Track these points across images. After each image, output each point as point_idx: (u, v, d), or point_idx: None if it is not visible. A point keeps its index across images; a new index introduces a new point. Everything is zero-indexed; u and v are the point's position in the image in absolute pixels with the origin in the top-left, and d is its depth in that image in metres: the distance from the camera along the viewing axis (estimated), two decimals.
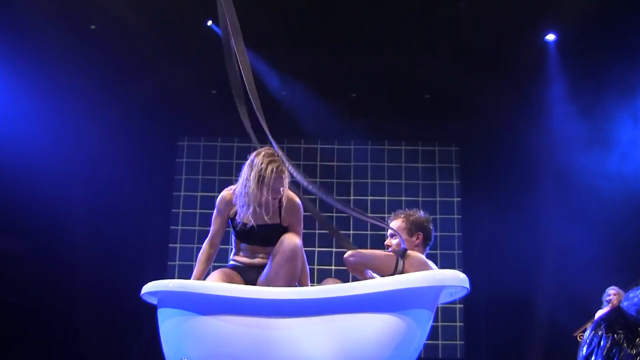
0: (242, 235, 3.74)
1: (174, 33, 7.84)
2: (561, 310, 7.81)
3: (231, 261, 3.77)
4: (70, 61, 7.64)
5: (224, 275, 3.60)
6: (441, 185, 9.17)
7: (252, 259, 3.71)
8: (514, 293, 8.01)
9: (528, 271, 8.27)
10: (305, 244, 3.75)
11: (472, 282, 3.21)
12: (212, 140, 9.23)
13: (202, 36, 7.84)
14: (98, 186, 8.31)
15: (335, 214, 8.96)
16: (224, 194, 3.80)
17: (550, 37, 8.02)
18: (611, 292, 6.84)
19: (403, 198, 8.95)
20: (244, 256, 3.74)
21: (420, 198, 8.97)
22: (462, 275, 3.17)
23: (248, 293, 3.25)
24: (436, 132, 9.20)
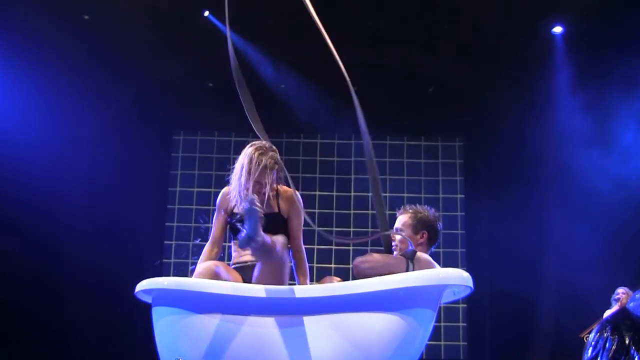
0: (238, 227, 3.72)
1: (169, 24, 7.83)
2: (567, 310, 7.82)
3: (231, 266, 3.73)
4: (62, 53, 7.64)
5: (224, 267, 3.56)
6: (444, 181, 9.16)
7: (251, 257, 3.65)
8: (519, 292, 8.01)
9: (533, 270, 8.28)
10: (304, 242, 3.75)
11: (476, 281, 3.22)
12: (209, 134, 9.22)
13: (199, 27, 7.84)
14: (92, 182, 8.31)
15: (335, 211, 8.98)
16: (223, 190, 3.81)
17: (557, 30, 8.01)
18: (620, 292, 6.85)
19: (405, 195, 8.96)
20: (242, 255, 3.71)
21: (422, 195, 8.97)
22: (466, 274, 3.18)
23: (246, 291, 3.25)
24: (439, 127, 9.19)
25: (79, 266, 8.14)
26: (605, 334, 6.95)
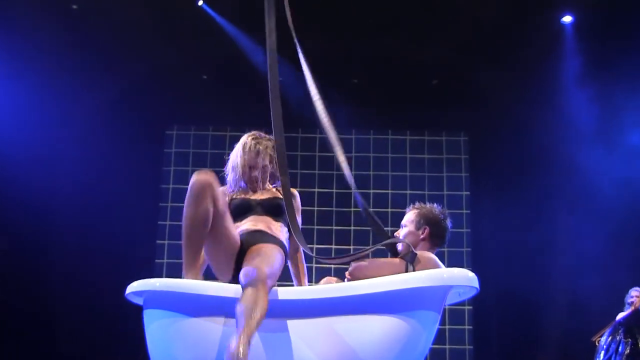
0: (237, 210, 3.74)
1: (161, 12, 7.81)
2: (577, 311, 7.83)
3: None
4: (49, 43, 7.61)
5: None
6: (449, 177, 9.16)
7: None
8: (527, 293, 8.02)
9: (541, 270, 8.28)
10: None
11: (482, 282, 3.21)
12: (203, 129, 9.21)
13: (193, 16, 7.82)
14: (80, 178, 8.30)
15: (335, 209, 8.98)
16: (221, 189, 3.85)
17: (566, 19, 8.00)
18: (634, 294, 6.86)
19: (408, 191, 8.95)
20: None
21: (426, 192, 8.96)
22: (471, 274, 3.17)
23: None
24: (444, 121, 9.18)
25: (67, 267, 8.14)
26: (617, 337, 6.96)
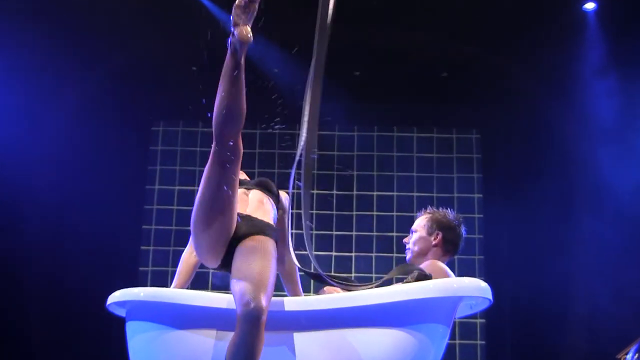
0: None
1: None
2: (601, 325, 7.81)
3: None
4: (24, 32, 7.60)
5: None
6: (459, 178, 9.16)
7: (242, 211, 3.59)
8: (545, 306, 8.01)
9: (562, 280, 8.26)
10: (299, 246, 3.75)
11: (496, 293, 3.22)
12: (192, 125, 9.21)
13: (181, 2, 7.82)
14: (58, 178, 8.29)
15: (335, 212, 8.97)
16: None
17: (589, 6, 8.00)
18: None
19: (415, 194, 8.96)
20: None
21: (434, 194, 8.96)
22: (484, 284, 3.19)
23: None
24: (454, 117, 9.18)
25: (43, 275, 8.12)
26: None
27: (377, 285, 3.36)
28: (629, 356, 6.88)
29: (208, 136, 9.19)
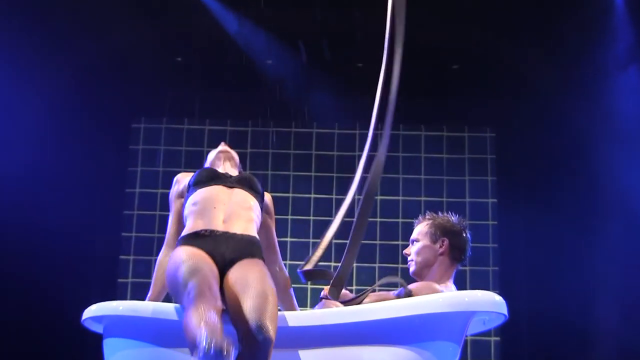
0: (201, 177, 3.80)
1: None
2: (630, 345, 7.81)
3: (182, 234, 3.72)
4: None
5: (192, 259, 3.41)
6: (472, 182, 9.16)
7: (221, 222, 3.62)
8: (566, 322, 8.01)
9: (585, 294, 8.26)
10: (295, 256, 3.76)
11: (511, 308, 3.22)
12: (177, 121, 9.21)
13: None
14: (28, 181, 8.27)
15: (334, 218, 8.96)
16: (177, 176, 3.93)
17: None
18: None
19: (422, 198, 8.95)
20: (205, 216, 3.65)
21: (444, 198, 8.96)
22: (498, 298, 3.19)
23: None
24: (466, 113, 9.19)
25: (10, 287, 8.09)
26: None
27: (360, 297, 3.42)
28: None
29: (194, 134, 9.25)
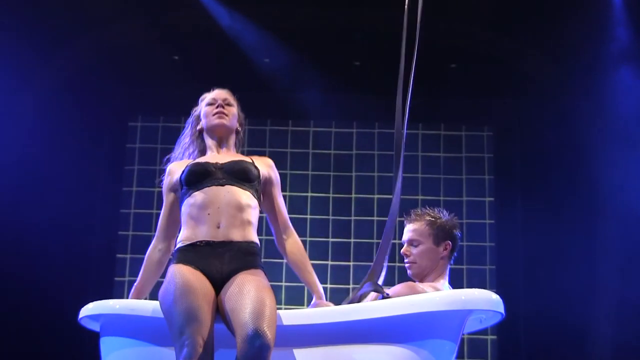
0: (191, 177, 3.72)
1: None
2: (628, 345, 7.81)
3: (179, 244, 3.63)
4: None
5: (188, 296, 3.27)
6: (469, 180, 9.16)
7: (216, 228, 3.55)
8: (563, 321, 8.01)
9: (583, 293, 8.25)
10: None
11: (508, 306, 3.23)
12: (173, 120, 9.17)
13: None
14: (24, 180, 8.25)
15: (331, 217, 8.98)
16: (170, 167, 3.86)
17: None
18: None
19: (419, 197, 8.95)
20: (200, 223, 3.60)
21: (441, 197, 8.96)
22: (495, 296, 3.20)
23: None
24: (463, 112, 9.18)
25: (6, 285, 8.09)
26: None
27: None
28: None
29: None
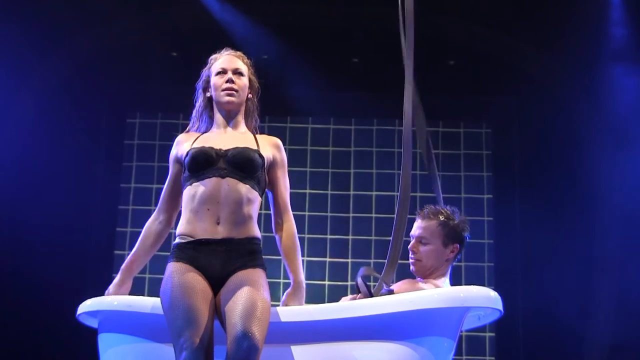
0: (192, 165, 3.56)
1: None
2: (626, 344, 7.81)
3: (177, 238, 3.50)
4: None
5: (187, 298, 3.20)
6: (467, 177, 9.16)
7: (215, 225, 3.44)
8: (562, 318, 8.01)
9: (581, 290, 8.26)
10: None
11: (507, 303, 3.23)
12: (172, 116, 9.19)
13: None
14: (22, 176, 8.25)
15: (330, 214, 8.98)
16: (179, 137, 3.85)
17: None
18: None
19: (418, 194, 8.91)
20: (199, 219, 3.46)
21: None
22: (493, 293, 3.20)
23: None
24: (462, 109, 9.18)
25: (4, 281, 8.10)
26: None
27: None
28: None
29: None
